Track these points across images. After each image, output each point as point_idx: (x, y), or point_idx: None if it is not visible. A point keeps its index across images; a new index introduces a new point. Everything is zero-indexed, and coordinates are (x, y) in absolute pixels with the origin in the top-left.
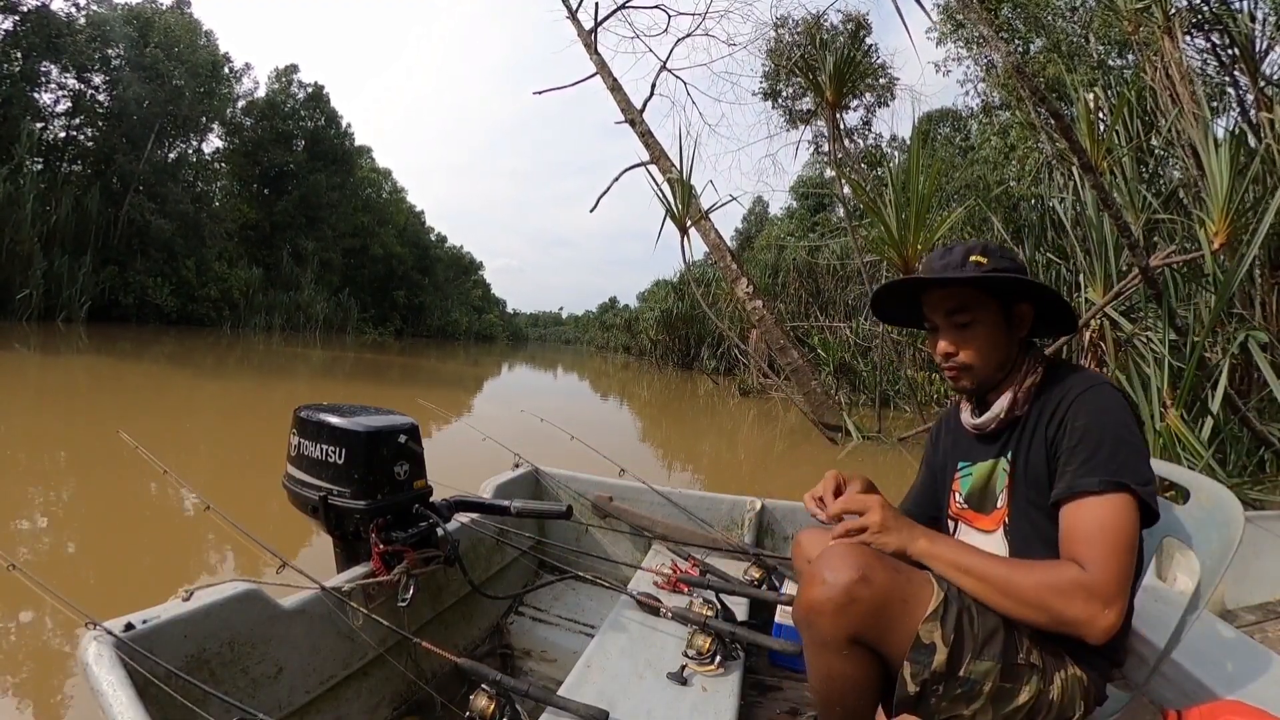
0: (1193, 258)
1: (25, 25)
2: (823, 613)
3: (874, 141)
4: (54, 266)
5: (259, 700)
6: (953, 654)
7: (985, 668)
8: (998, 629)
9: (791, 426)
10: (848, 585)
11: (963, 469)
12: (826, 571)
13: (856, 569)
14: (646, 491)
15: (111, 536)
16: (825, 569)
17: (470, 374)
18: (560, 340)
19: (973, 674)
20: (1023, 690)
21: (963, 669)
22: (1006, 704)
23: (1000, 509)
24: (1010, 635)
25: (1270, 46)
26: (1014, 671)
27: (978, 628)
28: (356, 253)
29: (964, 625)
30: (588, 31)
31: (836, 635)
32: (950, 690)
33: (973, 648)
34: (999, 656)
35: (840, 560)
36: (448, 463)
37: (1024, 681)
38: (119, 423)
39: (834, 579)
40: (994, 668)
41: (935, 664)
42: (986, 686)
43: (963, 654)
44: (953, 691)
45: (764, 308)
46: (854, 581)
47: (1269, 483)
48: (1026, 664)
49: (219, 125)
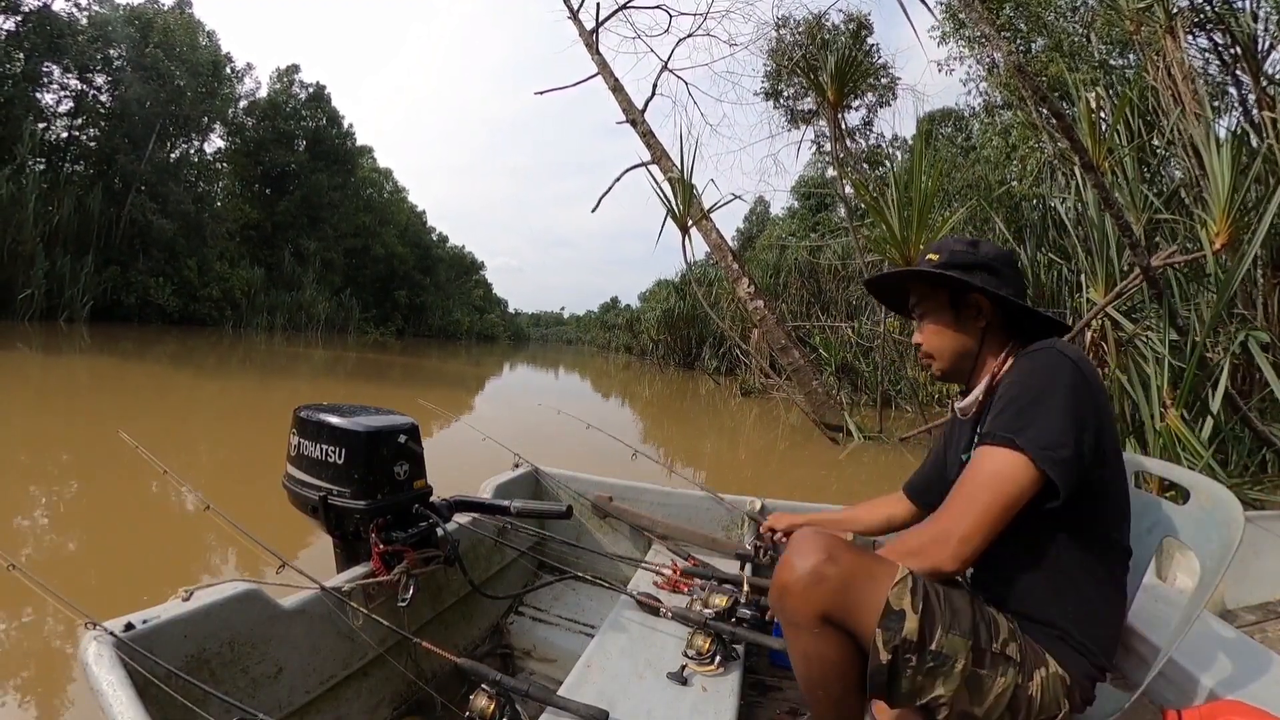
0: (1194, 257)
1: (27, 25)
2: (792, 593)
3: (875, 141)
4: (56, 266)
5: (259, 700)
6: (923, 623)
7: (957, 643)
8: (964, 609)
9: (793, 426)
10: (815, 565)
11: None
12: (795, 556)
13: (822, 550)
14: (646, 491)
15: (112, 536)
16: (794, 554)
17: (471, 374)
18: (562, 340)
19: (944, 648)
20: (997, 681)
21: (934, 642)
22: (981, 693)
23: None
24: (977, 619)
25: (1272, 46)
26: (985, 659)
27: (944, 604)
28: (358, 253)
29: (931, 599)
30: (589, 32)
31: (807, 613)
32: (923, 662)
33: (943, 622)
34: (969, 634)
35: (807, 544)
36: (448, 463)
37: (998, 673)
38: (120, 423)
39: (801, 562)
40: (965, 645)
41: (906, 630)
42: (959, 665)
43: (933, 625)
44: (925, 664)
45: (765, 307)
46: (820, 561)
47: (1269, 483)
48: (1001, 654)
49: (221, 125)
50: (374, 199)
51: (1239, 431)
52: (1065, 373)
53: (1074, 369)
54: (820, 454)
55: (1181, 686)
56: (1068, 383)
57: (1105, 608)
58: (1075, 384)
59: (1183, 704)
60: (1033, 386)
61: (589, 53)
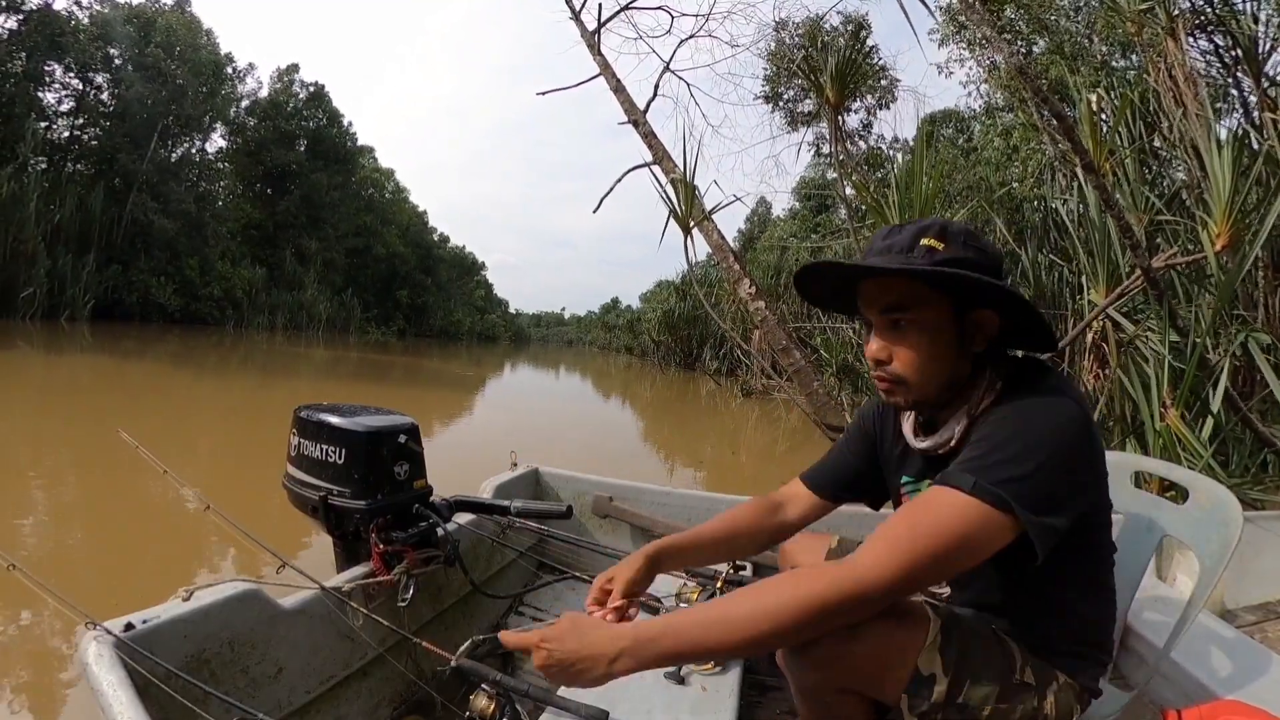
0: (1195, 259)
1: (28, 25)
2: (805, 670)
3: (876, 143)
4: (58, 265)
5: (259, 700)
6: (953, 682)
7: (984, 692)
8: (994, 649)
9: (794, 427)
10: (833, 641)
11: (907, 484)
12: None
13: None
14: (646, 491)
15: (112, 536)
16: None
17: (472, 374)
18: (563, 341)
19: (971, 700)
20: (1018, 709)
21: (961, 696)
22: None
23: None
24: (1005, 654)
25: (1273, 48)
26: (1011, 692)
27: (971, 653)
28: (359, 253)
29: (966, 651)
30: (591, 32)
31: (821, 688)
32: (949, 717)
33: (972, 674)
34: (997, 679)
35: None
36: (448, 463)
37: (1019, 701)
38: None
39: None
40: (992, 691)
41: (935, 695)
42: (985, 712)
43: (962, 681)
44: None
45: (766, 308)
46: (842, 638)
47: (1269, 483)
48: (1021, 683)
49: (222, 125)
50: (375, 199)
51: (1239, 432)
52: (1075, 428)
53: (1085, 423)
54: (821, 455)
55: (1181, 686)
56: (1074, 439)
57: (1104, 607)
58: (1082, 442)
59: (1183, 704)
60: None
61: (591, 53)
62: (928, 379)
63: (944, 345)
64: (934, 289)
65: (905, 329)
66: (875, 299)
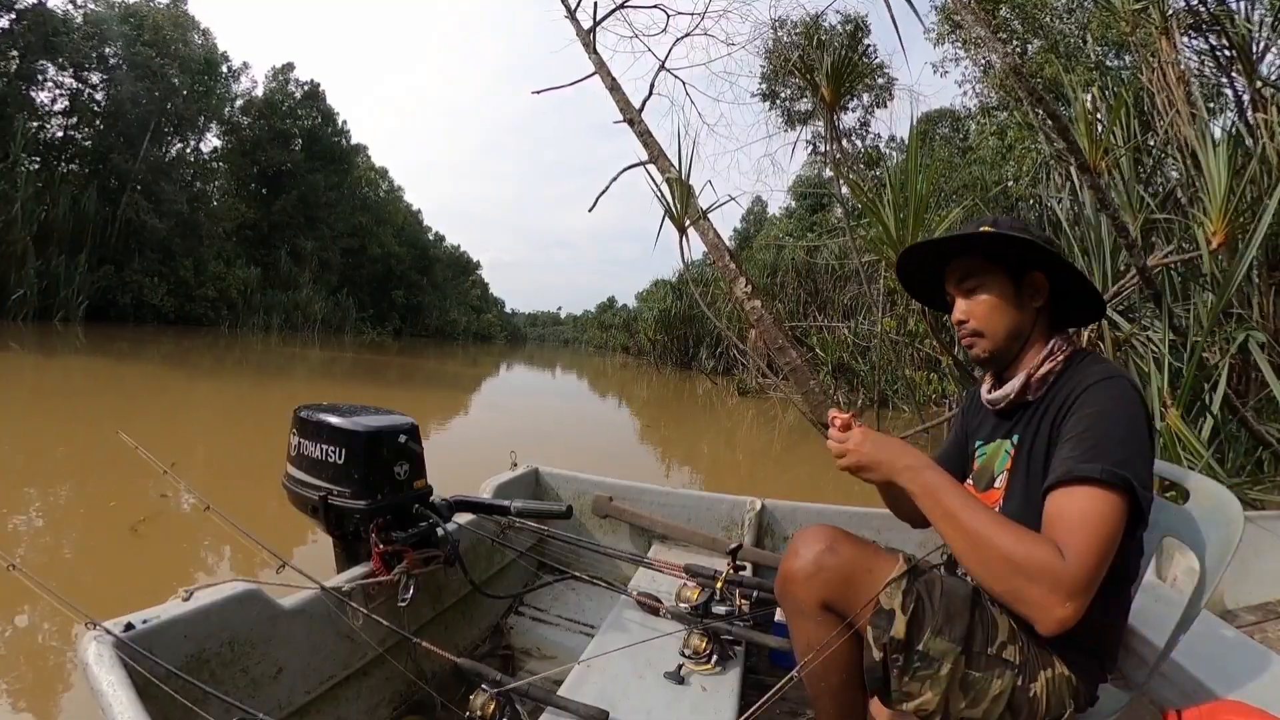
0: (1190, 258)
1: (22, 23)
2: (795, 580)
3: (872, 142)
4: (51, 266)
5: (259, 700)
6: (911, 624)
7: (943, 647)
8: (961, 613)
9: (790, 426)
10: (817, 555)
11: (978, 448)
12: (800, 545)
13: (825, 541)
14: (646, 491)
15: (111, 536)
16: (799, 543)
17: (469, 374)
18: (559, 340)
19: (930, 650)
20: (993, 683)
21: (920, 643)
22: (975, 694)
23: (997, 489)
24: (976, 624)
25: (1267, 48)
26: (979, 661)
27: (938, 605)
28: (355, 252)
29: (923, 598)
30: (586, 31)
31: (809, 601)
32: (909, 664)
33: (932, 624)
34: (960, 640)
35: (812, 535)
36: (448, 463)
37: (993, 675)
38: (117, 423)
39: (805, 550)
40: (953, 650)
41: (894, 630)
42: (945, 668)
43: (921, 626)
44: (911, 665)
45: (762, 307)
46: (822, 551)
47: (1269, 483)
48: (997, 657)
49: (217, 124)
50: (370, 198)
51: (1237, 431)
52: (1142, 404)
53: (1143, 403)
54: (817, 454)
55: (1181, 686)
56: (1146, 415)
57: (1115, 608)
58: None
59: (1183, 704)
60: (1124, 418)
61: (586, 52)
62: (997, 327)
63: (1006, 301)
64: (991, 262)
65: (976, 293)
66: (953, 276)
